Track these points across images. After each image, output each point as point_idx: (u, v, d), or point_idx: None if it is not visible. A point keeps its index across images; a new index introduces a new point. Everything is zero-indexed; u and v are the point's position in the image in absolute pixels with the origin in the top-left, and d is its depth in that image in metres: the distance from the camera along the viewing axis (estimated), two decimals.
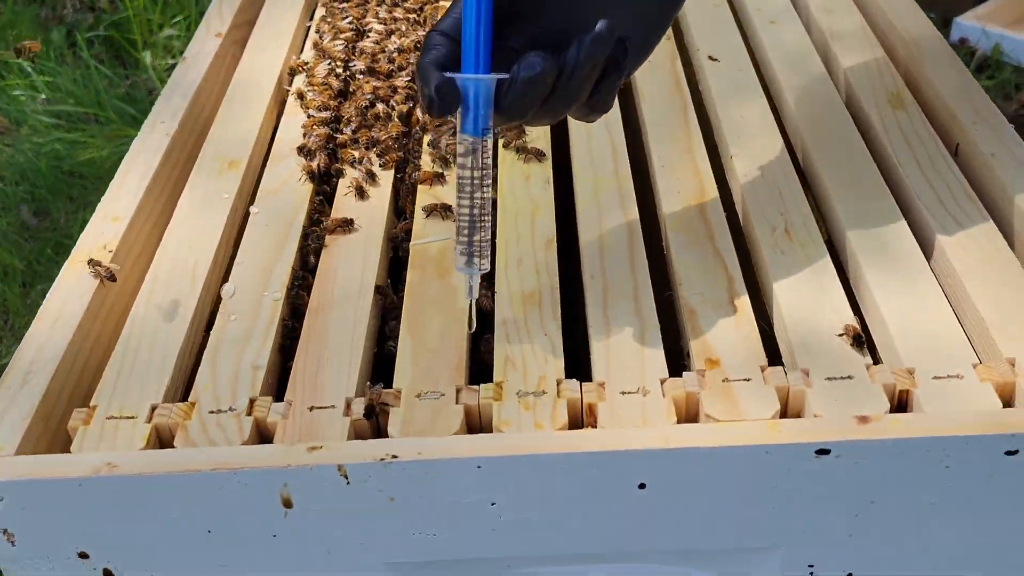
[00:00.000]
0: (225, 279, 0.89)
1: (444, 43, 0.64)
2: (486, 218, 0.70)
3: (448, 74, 0.63)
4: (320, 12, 1.31)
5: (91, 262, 0.87)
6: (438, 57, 0.64)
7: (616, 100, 0.95)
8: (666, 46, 1.16)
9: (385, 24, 1.24)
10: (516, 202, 0.94)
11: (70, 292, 0.86)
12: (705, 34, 1.18)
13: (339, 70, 1.17)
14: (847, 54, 1.12)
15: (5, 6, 3.43)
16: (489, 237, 0.71)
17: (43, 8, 3.51)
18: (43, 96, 3.00)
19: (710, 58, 1.13)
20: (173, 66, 3.16)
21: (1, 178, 2.73)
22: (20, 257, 2.49)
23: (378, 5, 1.29)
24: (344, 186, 0.99)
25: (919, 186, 0.90)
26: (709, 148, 1.00)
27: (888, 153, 0.95)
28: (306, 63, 1.19)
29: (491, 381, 0.74)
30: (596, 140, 1.01)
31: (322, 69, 1.16)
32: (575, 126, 1.03)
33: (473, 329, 0.77)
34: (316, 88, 1.13)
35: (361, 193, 0.96)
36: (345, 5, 1.29)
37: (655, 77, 1.11)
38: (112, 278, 0.88)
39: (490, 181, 0.69)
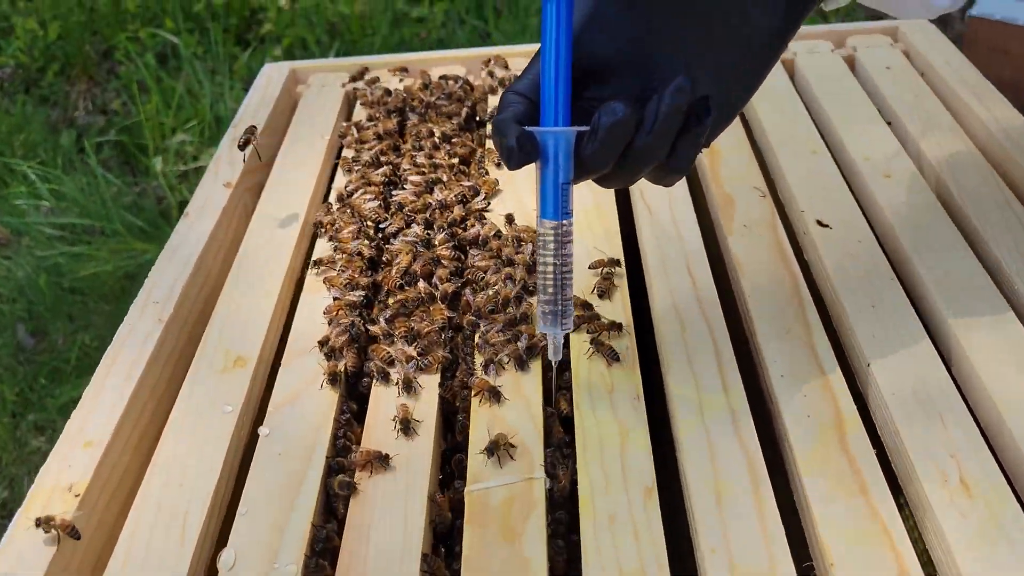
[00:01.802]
0: (223, 539, 0.68)
1: (521, 101, 0.64)
2: (569, 275, 0.68)
3: (528, 128, 0.63)
4: (347, 152, 1.13)
5: (42, 522, 0.66)
6: (516, 113, 0.64)
7: (712, 280, 0.85)
8: (764, 207, 0.97)
9: (424, 173, 1.05)
10: (599, 426, 0.73)
11: (21, 558, 0.65)
12: (808, 191, 0.98)
13: (370, 230, 0.98)
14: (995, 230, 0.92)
15: (15, 107, 3.31)
16: (572, 295, 0.69)
17: (54, 110, 3.39)
18: (47, 205, 2.85)
19: (819, 223, 0.94)
20: (184, 173, 3.01)
21: None
22: (12, 384, 2.29)
23: (416, 148, 1.11)
24: (377, 394, 0.79)
25: None
26: (829, 332, 0.80)
27: None
28: (332, 220, 1.00)
29: None
30: (691, 333, 0.81)
31: (350, 232, 0.97)
32: (663, 316, 0.83)
33: (555, 400, 0.76)
34: (343, 259, 0.93)
35: (407, 429, 0.75)
36: (377, 145, 1.11)
37: (754, 245, 0.91)
38: (75, 535, 0.67)
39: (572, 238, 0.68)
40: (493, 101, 1.19)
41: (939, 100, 1.12)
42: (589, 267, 0.88)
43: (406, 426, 0.74)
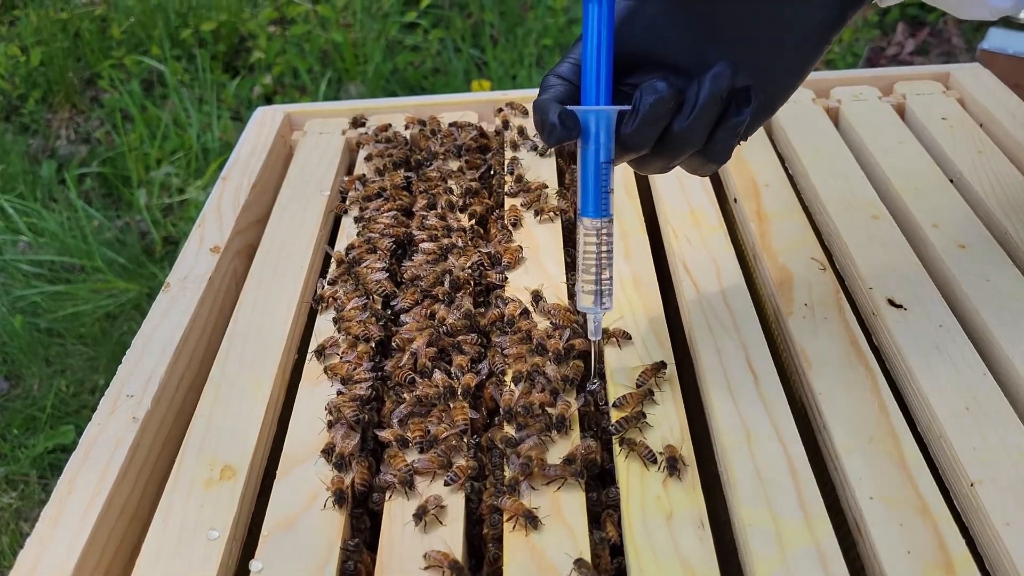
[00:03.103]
0: None
1: (561, 84, 0.65)
2: (610, 255, 0.70)
3: (570, 107, 0.63)
4: (350, 210, 1.01)
5: None
6: (557, 94, 0.64)
7: (776, 376, 0.75)
8: (825, 282, 0.85)
9: (436, 238, 0.93)
10: (660, 570, 0.61)
11: None
12: (874, 263, 0.87)
13: (378, 306, 0.86)
14: None
15: None
16: (612, 275, 0.71)
17: (35, 139, 3.26)
18: (25, 240, 2.71)
19: (891, 303, 0.82)
20: (169, 207, 2.89)
21: None
22: None
23: (428, 206, 0.99)
24: (392, 514, 0.67)
25: None
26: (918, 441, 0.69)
27: None
28: (334, 294, 0.88)
29: None
30: (757, 443, 0.69)
31: (355, 308, 0.85)
32: (723, 424, 0.71)
33: (599, 370, 0.76)
34: (347, 342, 0.81)
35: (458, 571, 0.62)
36: (384, 205, 0.99)
37: (819, 330, 0.80)
38: None
39: (612, 214, 0.68)
40: (511, 153, 1.08)
41: (1005, 156, 1.01)
42: (636, 382, 0.75)
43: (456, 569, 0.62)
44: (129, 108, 2.98)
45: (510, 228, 0.94)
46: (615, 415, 0.72)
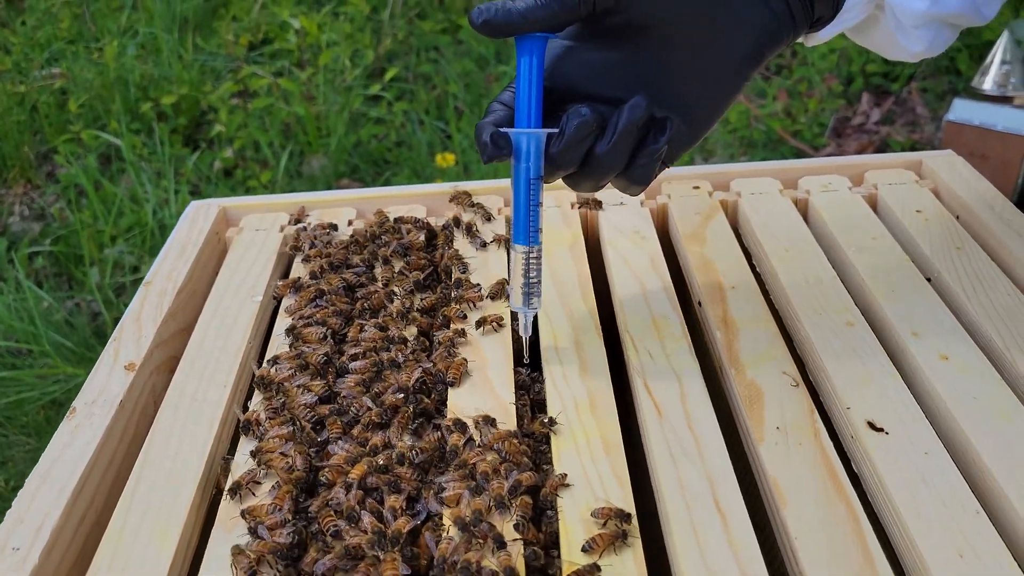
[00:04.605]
0: None
1: (501, 109, 0.74)
2: (539, 273, 0.79)
3: (503, 129, 0.72)
4: (283, 319, 0.93)
5: None
6: (496, 119, 0.73)
7: (747, 518, 0.67)
8: (798, 401, 0.78)
9: (375, 352, 0.85)
10: None
11: None
12: (850, 378, 0.79)
13: (308, 432, 0.77)
14: None
15: None
16: (541, 277, 0.79)
17: None
18: None
19: (871, 426, 0.74)
20: (122, 286, 2.79)
21: None
22: None
23: (365, 313, 0.91)
24: None
25: None
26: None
27: None
28: (257, 418, 0.79)
29: None
30: None
31: (277, 439, 0.76)
32: (687, 569, 0.63)
33: (526, 361, 0.83)
34: (273, 481, 0.72)
35: None
36: (317, 313, 0.91)
37: (792, 458, 0.72)
38: None
39: (541, 226, 0.77)
40: (462, 247, 1.00)
41: (986, 253, 0.95)
42: (592, 515, 0.67)
43: None
44: (84, 184, 2.90)
45: (453, 339, 0.86)
46: (583, 559, 0.64)
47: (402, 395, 0.79)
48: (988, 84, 2.29)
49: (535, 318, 0.83)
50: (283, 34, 3.39)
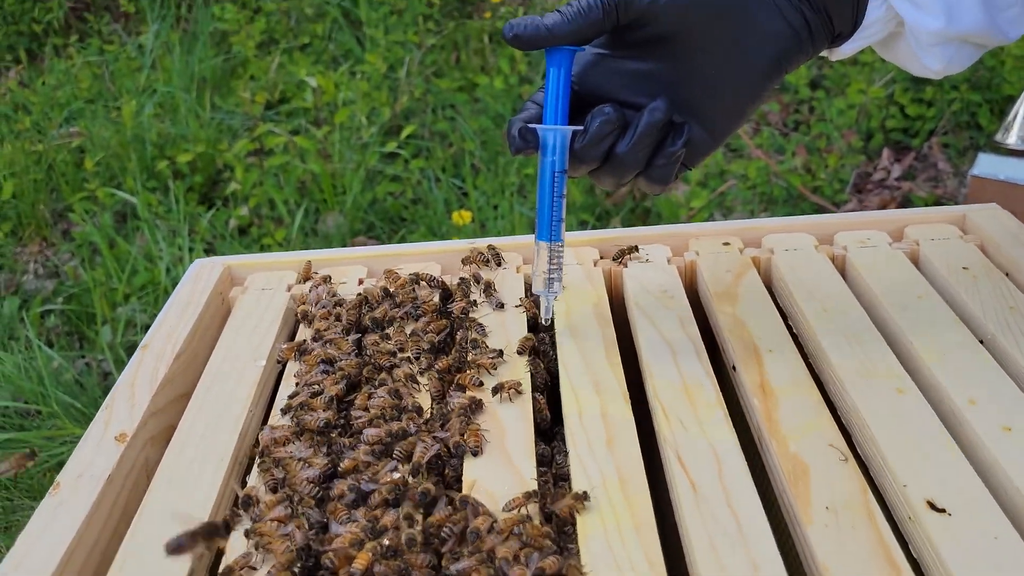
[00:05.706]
0: None
1: (533, 107, 0.79)
2: (560, 266, 0.84)
3: (531, 125, 0.77)
4: (288, 386, 0.87)
5: None
6: (526, 116, 0.78)
7: None
8: (849, 477, 0.71)
9: (385, 420, 0.79)
10: None
11: None
12: (906, 452, 0.72)
13: (308, 513, 0.70)
14: None
15: None
16: (562, 266, 0.84)
17: (0, 273, 3.14)
18: None
19: (932, 506, 0.67)
20: (133, 345, 2.74)
21: None
22: None
23: (375, 380, 0.85)
24: None
25: None
26: None
27: None
28: (253, 490, 0.73)
29: None
30: None
31: (276, 519, 0.70)
32: None
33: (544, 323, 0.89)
34: (267, 562, 0.66)
35: None
36: (325, 381, 0.85)
37: (845, 542, 0.64)
38: None
39: (563, 216, 0.82)
40: (479, 311, 0.94)
41: None
42: None
43: None
44: (98, 242, 2.87)
45: (469, 408, 0.80)
46: None
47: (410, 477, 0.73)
48: (1012, 138, 2.24)
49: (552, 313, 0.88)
50: (300, 93, 3.39)
